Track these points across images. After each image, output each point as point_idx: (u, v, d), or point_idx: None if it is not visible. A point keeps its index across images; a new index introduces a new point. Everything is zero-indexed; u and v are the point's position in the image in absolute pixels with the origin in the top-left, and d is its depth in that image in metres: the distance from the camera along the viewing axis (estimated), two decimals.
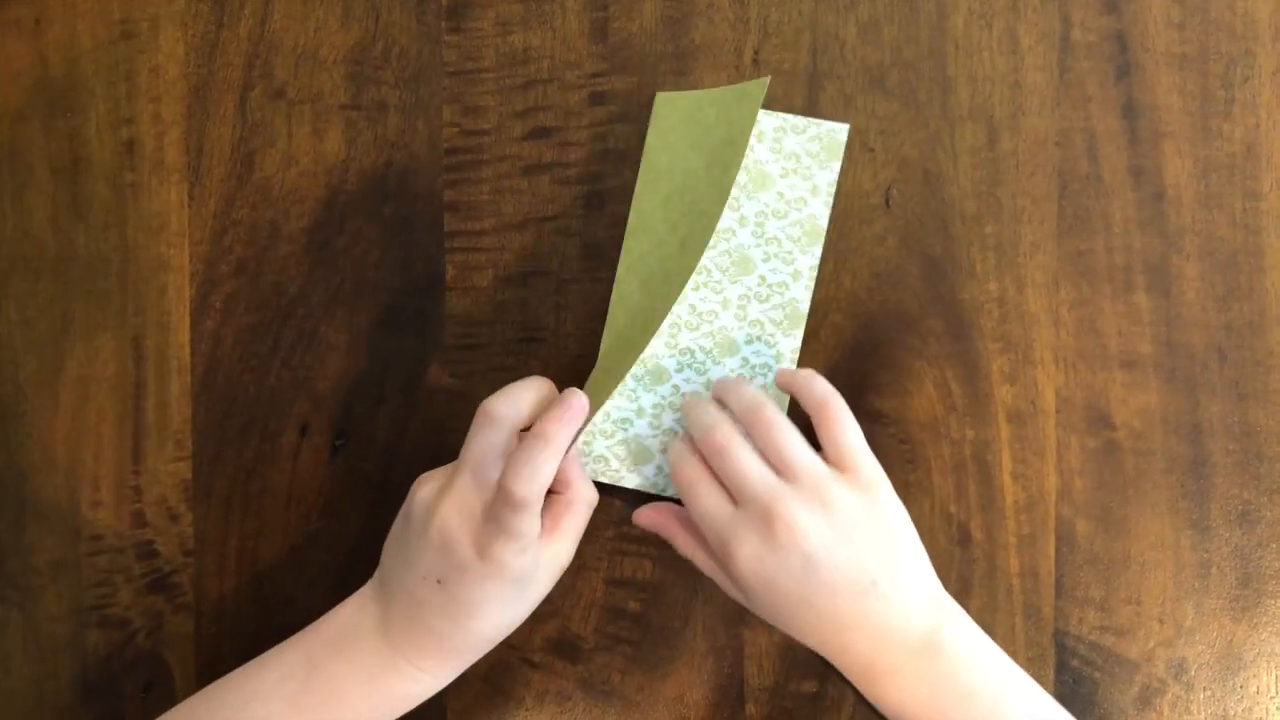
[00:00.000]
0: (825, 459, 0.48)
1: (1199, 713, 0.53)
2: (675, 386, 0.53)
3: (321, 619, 0.50)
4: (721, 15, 0.54)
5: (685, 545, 0.51)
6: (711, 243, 0.52)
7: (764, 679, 0.54)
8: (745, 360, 0.53)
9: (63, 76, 0.55)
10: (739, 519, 0.47)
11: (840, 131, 0.52)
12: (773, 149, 0.52)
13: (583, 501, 0.50)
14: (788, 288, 0.53)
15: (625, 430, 0.53)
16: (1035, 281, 0.53)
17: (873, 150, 0.53)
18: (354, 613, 0.49)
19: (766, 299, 0.53)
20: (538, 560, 0.48)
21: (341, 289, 0.54)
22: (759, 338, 0.53)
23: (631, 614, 0.54)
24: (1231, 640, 0.53)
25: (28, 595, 0.55)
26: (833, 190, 0.52)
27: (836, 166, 0.52)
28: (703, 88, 0.53)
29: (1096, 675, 0.53)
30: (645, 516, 0.52)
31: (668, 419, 0.53)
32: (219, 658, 0.55)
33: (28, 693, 0.55)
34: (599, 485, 0.52)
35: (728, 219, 0.52)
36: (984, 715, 0.47)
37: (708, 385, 0.53)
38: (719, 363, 0.53)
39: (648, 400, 0.53)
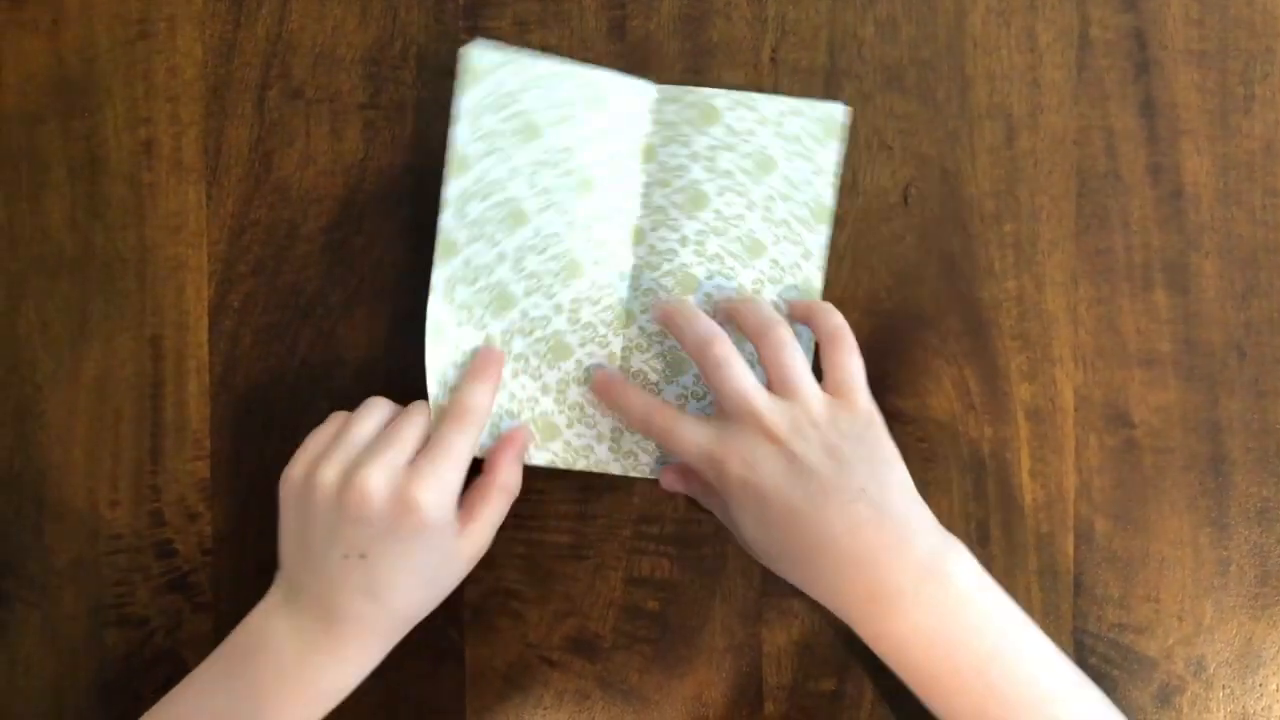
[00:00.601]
0: (824, 388, 0.48)
1: (1218, 710, 0.53)
2: (695, 376, 0.53)
3: (232, 632, 0.49)
4: (739, 14, 0.54)
5: (700, 490, 0.52)
6: (721, 229, 0.52)
7: (782, 677, 0.54)
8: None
9: (80, 77, 0.55)
10: (731, 428, 0.47)
11: (837, 111, 0.52)
12: (776, 133, 0.52)
13: (501, 490, 0.50)
14: (800, 268, 0.53)
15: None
16: (1054, 280, 0.53)
17: (891, 148, 0.53)
18: (262, 620, 0.49)
19: (779, 280, 0.53)
20: (455, 534, 0.48)
21: (360, 289, 0.54)
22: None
23: (650, 613, 0.54)
24: (1251, 638, 0.53)
25: (46, 595, 0.55)
26: (837, 170, 0.52)
27: (834, 145, 0.52)
28: (722, 87, 0.53)
29: (1115, 673, 0.53)
30: (668, 480, 0.52)
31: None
32: None
33: (46, 691, 0.55)
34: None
35: (736, 205, 0.52)
36: (991, 651, 0.45)
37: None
38: (740, 346, 0.53)
39: (671, 393, 0.53)
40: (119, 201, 0.55)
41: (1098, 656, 0.53)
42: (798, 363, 0.48)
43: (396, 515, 0.46)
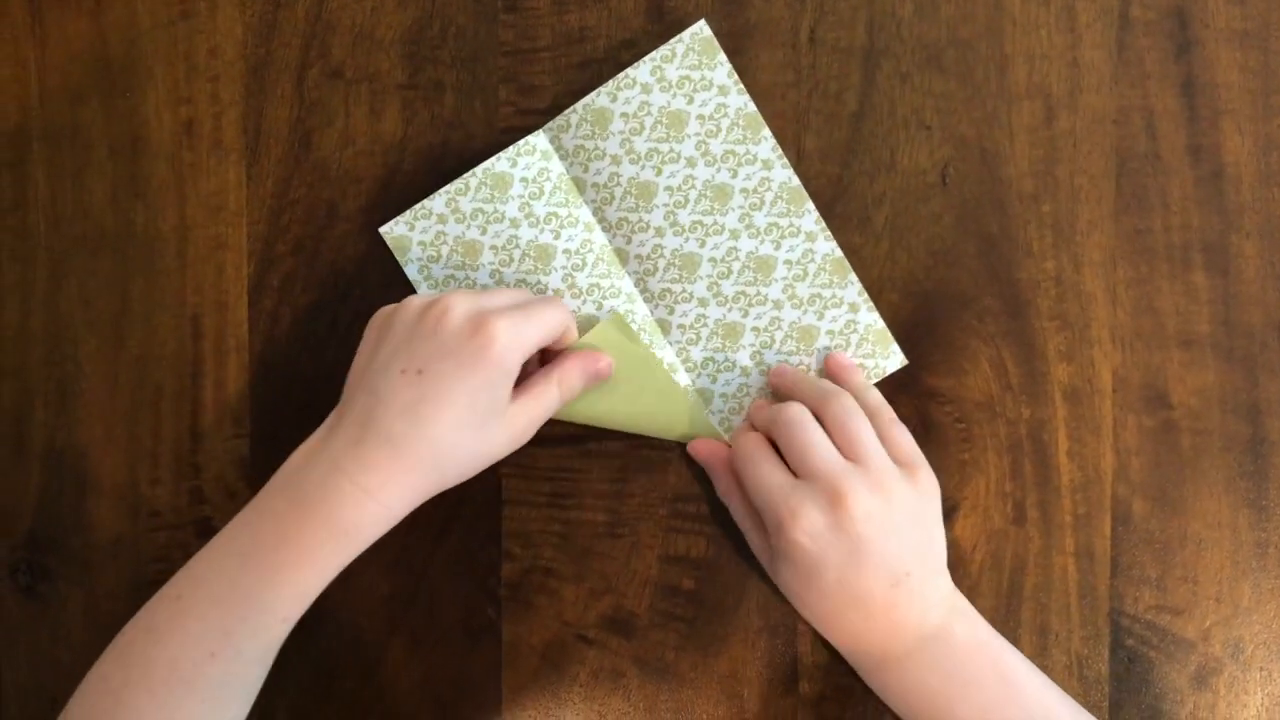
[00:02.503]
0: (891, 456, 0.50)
1: (1255, 692, 0.53)
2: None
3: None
4: None
5: (724, 486, 0.53)
6: (681, 199, 0.53)
7: (818, 656, 0.54)
8: (830, 332, 0.53)
9: (122, 56, 0.55)
10: (802, 489, 0.48)
11: (699, 30, 0.53)
12: (664, 88, 0.53)
13: (558, 383, 0.50)
14: (814, 252, 0.53)
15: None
16: (1092, 260, 0.53)
17: (929, 128, 0.53)
18: (297, 454, 0.48)
19: (804, 274, 0.53)
20: (508, 395, 0.48)
21: (398, 269, 0.54)
22: (825, 307, 0.53)
23: (685, 591, 0.55)
24: None
25: (87, 571, 0.56)
26: (734, 77, 0.53)
27: (719, 59, 0.52)
28: (759, 66, 0.53)
29: (1152, 654, 0.53)
30: (699, 446, 0.53)
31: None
32: None
33: (87, 667, 0.56)
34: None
35: (678, 171, 0.53)
36: (989, 702, 0.48)
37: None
38: (811, 352, 0.53)
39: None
40: (160, 181, 0.55)
41: (1135, 638, 0.53)
42: (866, 429, 0.49)
43: (467, 336, 0.46)
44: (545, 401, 0.49)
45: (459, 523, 0.55)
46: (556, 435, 0.54)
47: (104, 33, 0.55)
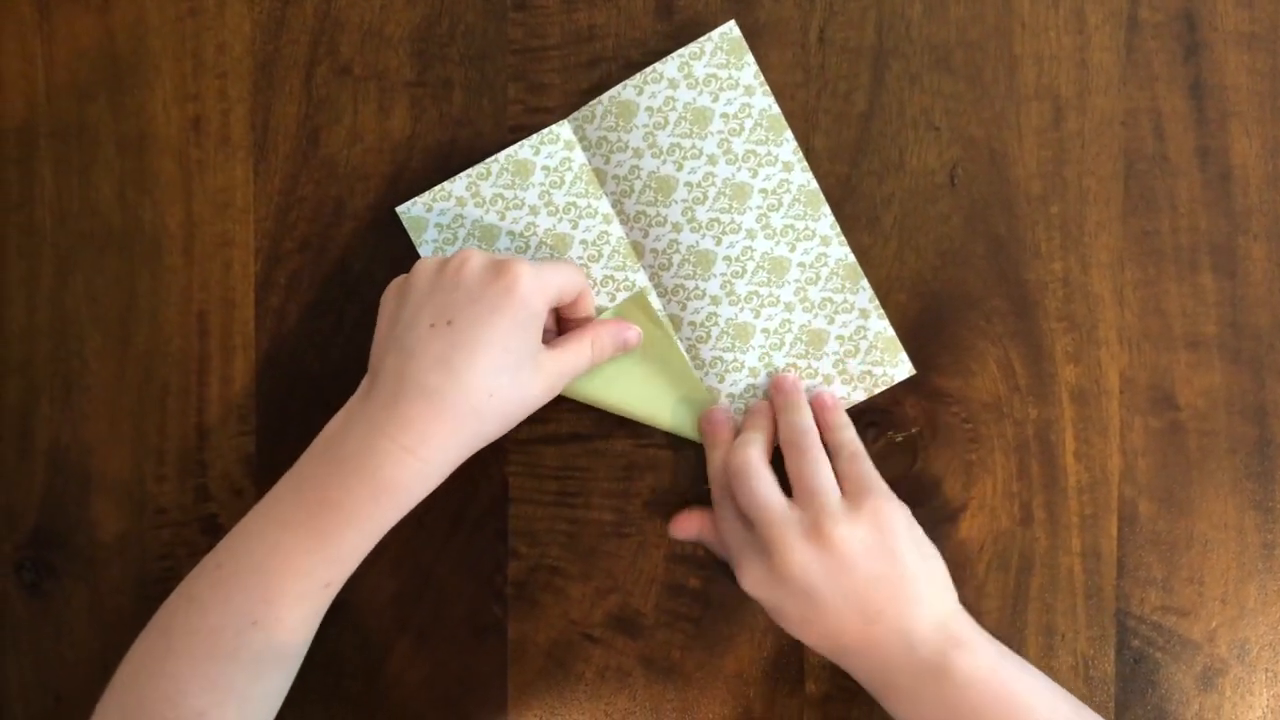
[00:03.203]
0: (843, 490, 0.49)
1: (1261, 693, 0.53)
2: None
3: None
4: None
5: (720, 552, 0.53)
6: (700, 195, 0.53)
7: (823, 656, 0.54)
8: (840, 338, 0.53)
9: (130, 53, 0.55)
10: (746, 541, 0.49)
11: (729, 30, 0.53)
12: (690, 85, 0.53)
13: (590, 343, 0.50)
14: (827, 256, 0.53)
15: None
16: (1100, 261, 0.53)
17: (938, 129, 0.53)
18: (334, 421, 0.48)
19: (817, 278, 0.53)
20: (539, 342, 0.48)
21: (406, 266, 0.54)
22: (836, 312, 0.53)
23: (692, 590, 0.55)
24: None
25: (92, 568, 0.56)
26: (760, 78, 0.53)
27: (747, 59, 0.53)
28: (768, 66, 0.53)
29: (1158, 655, 0.53)
30: (682, 528, 0.53)
31: None
32: None
33: (92, 664, 0.56)
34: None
35: (699, 167, 0.53)
36: None
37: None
38: (820, 357, 0.53)
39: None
40: (167, 177, 0.55)
41: (1140, 639, 0.53)
42: (818, 476, 0.49)
43: (491, 279, 0.46)
44: (579, 357, 0.50)
45: (466, 521, 0.55)
46: (563, 434, 0.54)
47: (111, 29, 0.55)
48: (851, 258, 0.53)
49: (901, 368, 0.53)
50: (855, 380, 0.53)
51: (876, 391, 0.53)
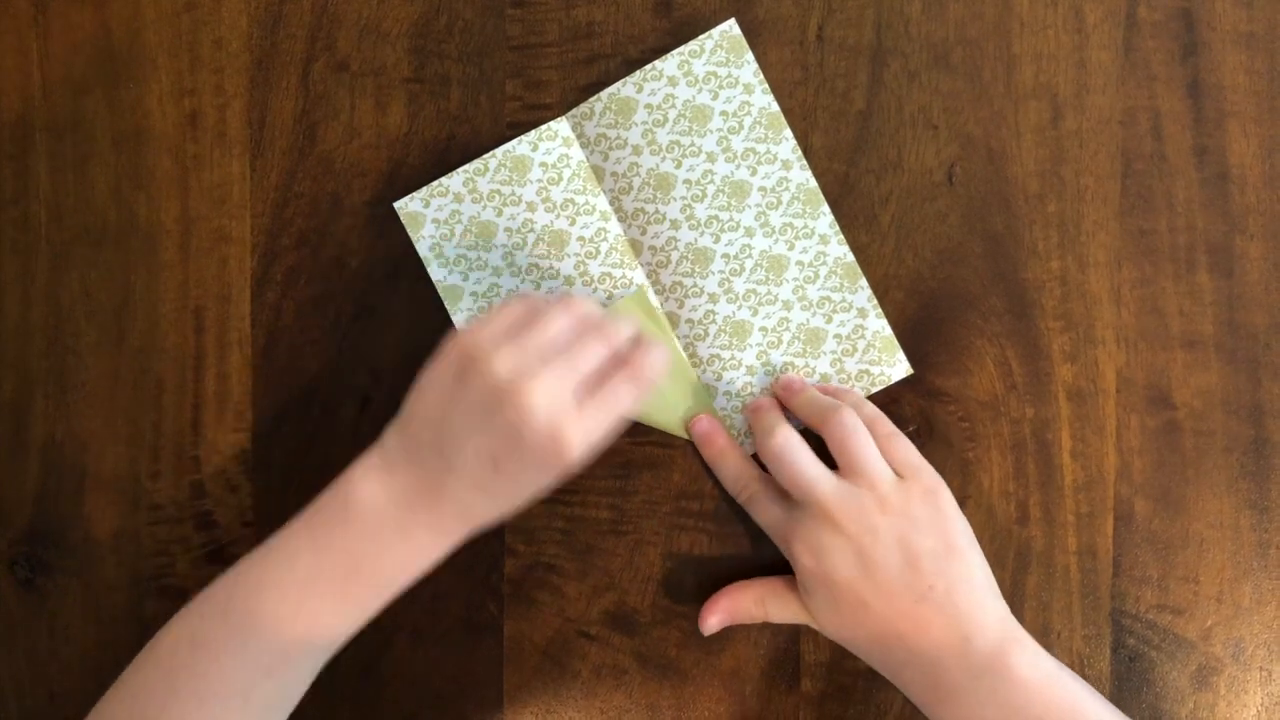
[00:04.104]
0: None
1: (1255, 692, 0.53)
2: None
3: (317, 498, 0.48)
4: None
5: (753, 612, 0.52)
6: (699, 193, 0.53)
7: (819, 654, 0.54)
8: (838, 336, 0.53)
9: (126, 48, 0.55)
10: (795, 517, 0.49)
11: (729, 28, 0.53)
12: (690, 82, 0.53)
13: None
14: (826, 255, 0.53)
15: None
16: (1097, 260, 0.53)
17: (936, 127, 0.53)
18: (357, 482, 0.47)
19: (815, 276, 0.53)
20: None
21: (403, 262, 0.54)
22: (834, 310, 0.53)
23: (688, 588, 0.55)
24: None
25: (87, 564, 0.56)
26: (759, 76, 0.53)
27: (747, 58, 0.53)
28: (767, 64, 0.53)
29: (1153, 654, 0.53)
30: (710, 623, 0.53)
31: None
32: None
33: (86, 661, 0.56)
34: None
35: (698, 164, 0.53)
36: None
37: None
38: (817, 356, 0.53)
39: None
40: (163, 173, 0.55)
41: (1136, 637, 0.53)
42: (864, 446, 0.49)
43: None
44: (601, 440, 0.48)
45: None
46: None
47: (108, 23, 0.55)
48: (850, 257, 0.53)
49: (899, 367, 0.53)
50: (852, 379, 0.53)
51: (874, 391, 0.53)
